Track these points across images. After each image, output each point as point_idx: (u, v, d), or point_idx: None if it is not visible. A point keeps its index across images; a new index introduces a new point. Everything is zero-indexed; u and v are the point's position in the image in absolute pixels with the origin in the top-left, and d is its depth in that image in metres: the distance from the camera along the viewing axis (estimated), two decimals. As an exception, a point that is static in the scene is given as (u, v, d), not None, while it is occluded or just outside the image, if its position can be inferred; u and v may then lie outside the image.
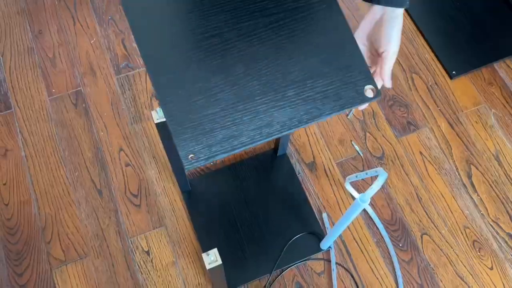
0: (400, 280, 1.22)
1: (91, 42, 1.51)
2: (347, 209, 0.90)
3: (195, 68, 0.67)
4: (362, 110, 1.44)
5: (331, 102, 0.67)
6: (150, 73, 0.66)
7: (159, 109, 0.90)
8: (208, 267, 0.79)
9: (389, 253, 1.26)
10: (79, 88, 1.43)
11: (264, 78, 0.67)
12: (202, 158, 0.62)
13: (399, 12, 0.69)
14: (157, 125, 0.91)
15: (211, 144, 0.63)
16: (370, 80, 0.68)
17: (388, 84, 0.73)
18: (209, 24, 0.70)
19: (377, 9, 0.70)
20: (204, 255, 0.79)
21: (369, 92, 0.68)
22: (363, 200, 0.81)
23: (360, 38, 0.73)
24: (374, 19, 0.71)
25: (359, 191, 1.33)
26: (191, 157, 0.62)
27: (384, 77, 0.73)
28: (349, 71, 0.69)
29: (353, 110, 1.44)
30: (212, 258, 0.79)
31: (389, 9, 0.69)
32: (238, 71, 0.67)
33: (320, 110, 0.66)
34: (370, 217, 1.29)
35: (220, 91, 0.66)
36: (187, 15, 0.70)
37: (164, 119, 0.90)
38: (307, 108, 0.66)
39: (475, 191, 1.34)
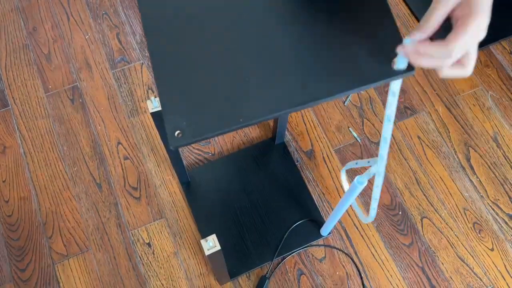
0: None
1: (86, 37, 1.50)
2: (345, 192, 0.90)
3: (192, 40, 0.60)
4: (358, 96, 1.43)
5: (351, 76, 0.57)
6: (149, 43, 0.60)
7: (153, 99, 0.90)
8: (207, 253, 0.79)
9: (389, 237, 1.26)
10: (75, 84, 1.43)
11: (273, 48, 0.59)
12: (189, 135, 0.56)
13: None
14: (153, 114, 0.91)
15: (200, 122, 0.56)
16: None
17: (444, 71, 0.51)
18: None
19: None
20: (202, 241, 0.79)
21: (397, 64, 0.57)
22: (360, 182, 0.81)
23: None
24: None
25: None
26: (177, 134, 0.56)
27: (444, 51, 0.49)
28: (377, 38, 0.59)
29: (350, 97, 1.44)
30: (211, 244, 0.79)
31: None
32: (242, 42, 0.60)
33: (336, 84, 0.57)
34: (370, 202, 1.29)
35: (220, 64, 0.59)
36: None
37: (159, 109, 0.90)
38: (320, 82, 0.57)
39: (474, 173, 1.34)
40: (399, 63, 0.56)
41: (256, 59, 0.59)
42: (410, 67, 0.57)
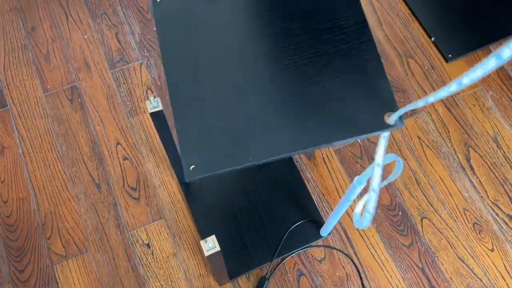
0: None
1: (85, 37, 1.50)
2: (345, 193, 0.90)
3: (209, 83, 0.67)
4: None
5: (347, 126, 0.64)
6: (168, 83, 0.68)
7: (153, 99, 0.89)
8: (206, 254, 0.79)
9: (389, 238, 1.26)
10: (74, 84, 1.43)
11: (280, 97, 0.66)
12: (202, 171, 0.63)
13: None
14: (152, 115, 0.91)
15: (214, 158, 0.63)
16: (393, 107, 0.66)
17: None
18: (228, 41, 0.70)
19: None
20: (202, 242, 0.79)
21: (390, 120, 0.65)
22: (360, 182, 0.81)
23: None
24: None
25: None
26: (192, 168, 0.63)
27: None
28: (371, 95, 0.67)
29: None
30: (211, 245, 0.79)
31: None
32: (254, 88, 0.67)
33: (335, 134, 0.64)
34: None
35: (231, 107, 0.66)
36: (209, 25, 0.71)
37: (159, 109, 0.90)
38: (320, 130, 0.64)
39: (474, 173, 1.34)
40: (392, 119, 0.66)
41: (265, 106, 0.66)
42: (400, 122, 0.65)
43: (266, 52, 0.69)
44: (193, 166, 0.63)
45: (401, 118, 0.65)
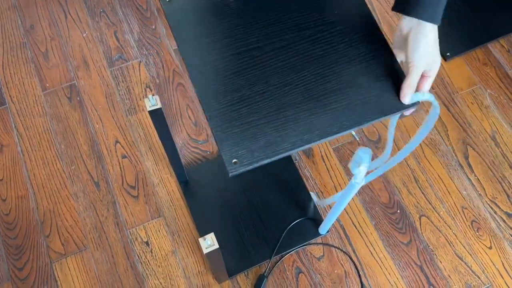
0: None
1: (84, 35, 1.50)
2: (343, 190, 0.90)
3: (237, 79, 0.70)
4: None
5: (372, 108, 0.69)
6: (194, 83, 0.70)
7: (151, 97, 0.90)
8: (205, 251, 0.79)
9: (388, 236, 1.26)
10: (73, 82, 1.43)
11: (303, 87, 0.70)
12: (245, 163, 0.64)
13: (428, 28, 0.68)
14: (150, 113, 0.91)
15: (254, 150, 0.65)
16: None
17: (403, 98, 0.70)
18: (250, 37, 0.73)
19: (404, 22, 0.69)
20: (201, 239, 0.79)
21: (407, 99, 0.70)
22: (357, 177, 0.81)
23: (395, 50, 0.73)
24: (401, 32, 0.70)
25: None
26: (234, 162, 0.64)
27: (402, 90, 0.70)
28: (387, 79, 0.71)
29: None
30: (209, 243, 0.79)
31: (415, 22, 0.68)
32: (277, 81, 0.70)
33: (360, 116, 0.68)
34: (368, 200, 1.30)
35: (261, 99, 0.69)
36: (229, 29, 0.74)
37: (157, 107, 0.90)
38: (347, 114, 0.68)
39: (472, 171, 1.34)
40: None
41: (296, 99, 0.69)
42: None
43: (284, 46, 0.72)
44: (235, 160, 0.64)
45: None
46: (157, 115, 0.92)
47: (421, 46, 0.68)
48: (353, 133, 1.38)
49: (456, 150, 1.36)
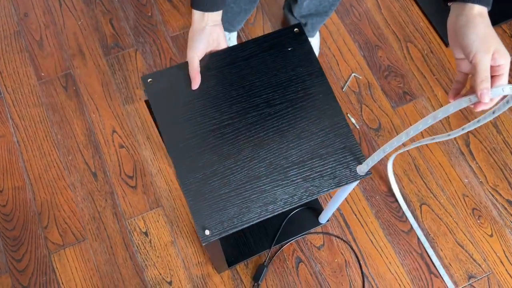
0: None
1: (79, 23, 1.47)
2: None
3: (211, 154, 0.79)
4: (357, 82, 1.41)
5: (328, 180, 0.77)
6: (172, 159, 0.78)
7: (148, 86, 0.88)
8: (204, 243, 0.77)
9: (388, 224, 1.25)
10: (68, 71, 1.41)
11: (269, 161, 0.79)
12: (215, 233, 0.74)
13: (477, 10, 0.63)
14: (147, 102, 0.89)
15: (224, 220, 0.75)
16: (362, 160, 0.79)
17: (482, 98, 0.60)
18: (223, 115, 0.81)
19: (453, 9, 0.64)
20: (199, 231, 0.78)
21: (360, 170, 0.77)
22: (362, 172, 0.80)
23: (453, 48, 0.67)
24: (452, 23, 0.64)
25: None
26: (207, 233, 0.74)
27: (476, 89, 0.60)
28: (343, 152, 0.79)
29: (348, 83, 1.42)
30: (208, 233, 0.78)
31: (460, 6, 0.62)
32: (246, 156, 0.79)
33: (317, 188, 0.77)
34: (369, 189, 1.28)
35: (231, 173, 0.78)
36: (203, 107, 0.82)
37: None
38: (306, 186, 0.77)
39: (474, 159, 1.33)
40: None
41: (263, 172, 0.78)
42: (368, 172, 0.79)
43: (252, 122, 0.81)
44: (207, 231, 0.74)
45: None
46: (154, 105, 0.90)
47: (475, 32, 0.62)
48: (353, 120, 1.37)
49: (458, 138, 1.35)
